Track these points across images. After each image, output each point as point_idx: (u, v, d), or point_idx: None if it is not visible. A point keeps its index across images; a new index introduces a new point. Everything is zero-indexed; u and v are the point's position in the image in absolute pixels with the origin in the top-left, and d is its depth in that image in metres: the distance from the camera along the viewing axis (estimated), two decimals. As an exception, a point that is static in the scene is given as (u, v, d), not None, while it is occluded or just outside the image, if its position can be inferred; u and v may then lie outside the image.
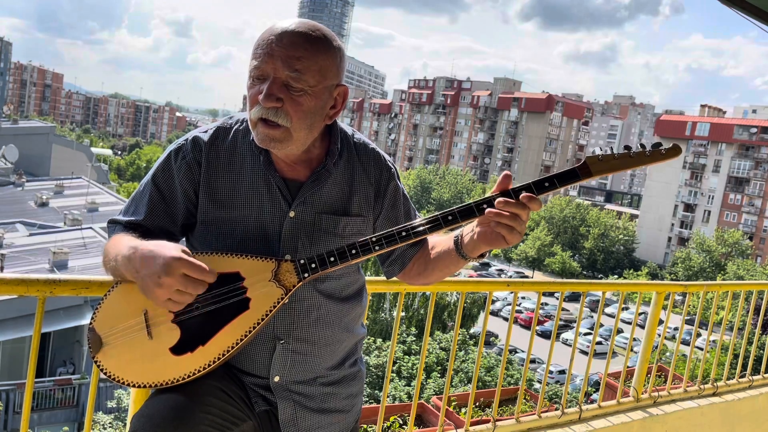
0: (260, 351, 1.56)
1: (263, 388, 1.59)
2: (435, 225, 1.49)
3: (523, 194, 1.43)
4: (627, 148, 1.48)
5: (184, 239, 1.67)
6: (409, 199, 1.76)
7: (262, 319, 1.44)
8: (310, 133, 1.51)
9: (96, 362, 1.44)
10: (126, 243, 1.46)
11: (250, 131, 1.59)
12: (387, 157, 1.73)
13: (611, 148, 1.48)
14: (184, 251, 1.37)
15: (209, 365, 1.41)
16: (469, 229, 1.54)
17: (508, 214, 1.41)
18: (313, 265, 1.48)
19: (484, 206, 1.46)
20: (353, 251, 1.47)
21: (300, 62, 1.42)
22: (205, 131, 1.61)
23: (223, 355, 1.42)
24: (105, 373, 1.44)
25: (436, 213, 1.49)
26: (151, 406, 1.40)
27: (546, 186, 1.46)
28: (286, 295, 1.47)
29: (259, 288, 1.46)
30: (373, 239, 1.48)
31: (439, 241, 1.68)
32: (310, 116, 1.47)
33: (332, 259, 1.47)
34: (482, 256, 1.55)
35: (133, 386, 1.43)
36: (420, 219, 1.53)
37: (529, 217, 1.45)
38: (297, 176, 1.58)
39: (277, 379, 1.57)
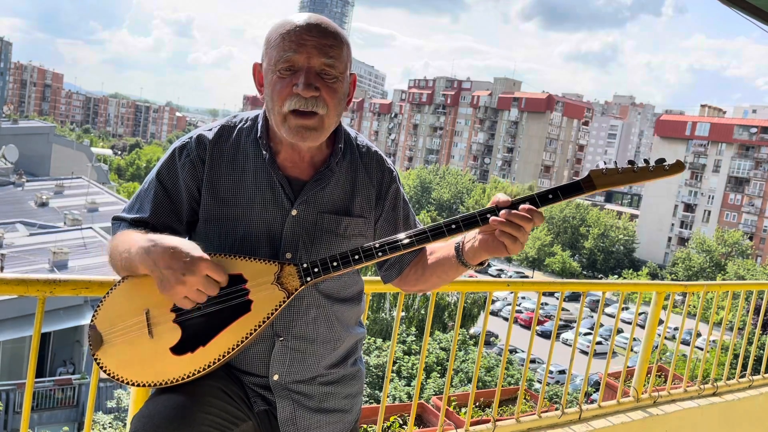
0: (259, 349, 1.56)
1: (262, 388, 1.59)
2: (438, 233, 1.50)
3: (528, 206, 1.45)
4: (631, 162, 1.49)
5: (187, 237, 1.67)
6: (409, 204, 1.78)
7: (263, 322, 1.44)
8: (337, 120, 1.55)
9: (96, 360, 1.44)
10: (141, 236, 1.46)
11: (254, 129, 1.60)
12: (389, 160, 1.74)
13: (615, 162, 1.49)
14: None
15: (209, 366, 1.41)
16: (471, 236, 1.55)
17: (512, 223, 1.44)
18: (316, 270, 1.48)
19: (488, 216, 1.48)
20: (356, 256, 1.48)
21: (332, 50, 1.47)
22: (210, 129, 1.62)
23: (223, 356, 1.42)
24: (105, 371, 1.43)
25: (440, 221, 1.51)
26: (152, 407, 1.40)
27: (549, 198, 1.49)
28: (288, 299, 1.47)
29: (261, 290, 1.46)
30: (377, 245, 1.49)
31: (439, 246, 1.69)
32: (341, 103, 1.52)
33: (335, 264, 1.48)
34: (482, 264, 1.57)
35: (133, 385, 1.43)
36: (423, 226, 1.54)
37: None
38: (300, 175, 1.59)
39: (276, 377, 1.57)
